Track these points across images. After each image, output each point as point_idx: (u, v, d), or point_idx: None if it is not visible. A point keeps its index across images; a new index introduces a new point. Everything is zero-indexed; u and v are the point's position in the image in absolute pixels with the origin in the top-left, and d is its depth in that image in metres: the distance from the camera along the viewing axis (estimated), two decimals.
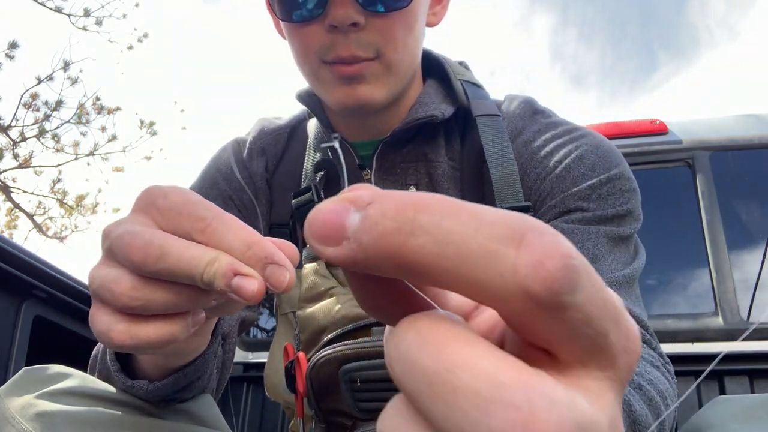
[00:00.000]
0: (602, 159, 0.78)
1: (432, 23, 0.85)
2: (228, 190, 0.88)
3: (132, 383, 0.56)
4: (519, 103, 0.87)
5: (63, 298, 1.45)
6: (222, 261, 0.36)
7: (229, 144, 0.94)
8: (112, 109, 8.26)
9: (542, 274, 0.17)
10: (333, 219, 0.20)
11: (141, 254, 0.36)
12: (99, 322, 0.38)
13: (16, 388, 0.55)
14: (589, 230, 0.73)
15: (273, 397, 0.86)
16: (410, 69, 0.80)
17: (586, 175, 0.76)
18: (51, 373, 0.58)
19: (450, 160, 0.83)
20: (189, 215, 0.38)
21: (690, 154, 2.11)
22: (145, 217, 0.39)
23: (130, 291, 0.37)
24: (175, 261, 0.36)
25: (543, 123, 0.83)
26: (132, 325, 0.38)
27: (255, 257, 0.36)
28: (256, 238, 0.37)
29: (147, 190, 0.40)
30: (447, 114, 0.82)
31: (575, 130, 0.82)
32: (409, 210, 0.19)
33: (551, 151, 0.79)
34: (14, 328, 1.32)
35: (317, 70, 0.76)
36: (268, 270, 0.36)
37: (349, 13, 0.71)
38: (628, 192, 0.77)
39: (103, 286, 0.37)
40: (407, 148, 0.83)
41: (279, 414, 2.00)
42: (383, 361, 0.67)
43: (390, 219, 0.19)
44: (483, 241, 0.18)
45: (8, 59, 7.37)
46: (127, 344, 0.38)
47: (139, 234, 0.36)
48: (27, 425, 0.51)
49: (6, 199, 7.64)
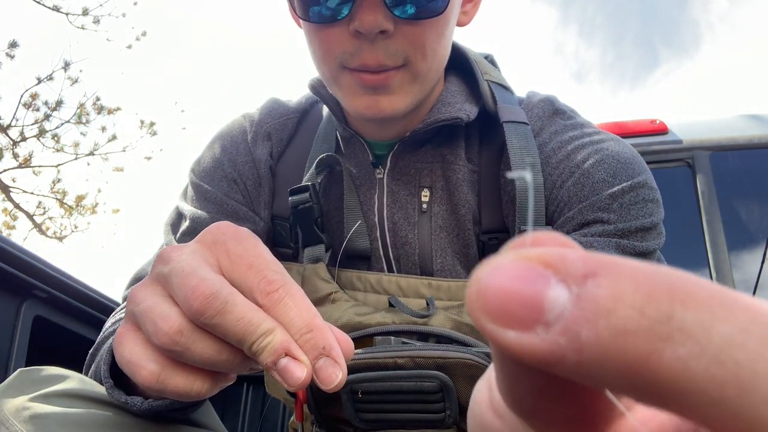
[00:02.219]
0: (624, 165, 0.72)
1: (463, 23, 0.79)
2: (233, 172, 0.84)
3: (126, 399, 0.55)
4: (539, 102, 0.82)
5: (63, 298, 1.44)
6: (278, 336, 0.34)
7: (237, 120, 0.89)
8: (112, 109, 8.26)
9: None
10: (524, 290, 0.13)
11: (203, 304, 0.34)
12: (131, 352, 0.36)
13: (10, 390, 0.55)
14: (609, 244, 0.68)
15: (273, 393, 0.85)
16: (437, 75, 0.75)
17: (607, 181, 0.70)
18: (46, 375, 0.58)
19: (469, 162, 0.79)
20: (258, 272, 0.36)
21: (690, 154, 2.11)
22: (211, 254, 0.37)
23: (175, 333, 0.35)
24: (234, 321, 0.34)
25: (561, 124, 0.78)
26: (164, 370, 0.36)
27: (312, 343, 0.34)
28: (318, 323, 0.35)
29: (219, 226, 0.38)
30: (472, 116, 0.77)
31: (596, 133, 0.76)
32: (664, 299, 0.12)
33: (568, 155, 0.74)
34: (14, 328, 1.32)
35: (337, 75, 0.71)
36: (321, 362, 0.34)
37: (378, 20, 0.65)
38: (652, 203, 0.71)
39: (147, 315, 0.35)
40: (425, 148, 0.79)
41: (279, 414, 1.99)
42: (386, 373, 0.67)
43: (634, 310, 0.12)
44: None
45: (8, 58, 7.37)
46: (153, 387, 0.36)
47: (208, 282, 0.34)
48: (21, 427, 0.50)
49: (6, 198, 7.64)
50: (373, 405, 0.67)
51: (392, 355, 0.65)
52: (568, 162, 0.74)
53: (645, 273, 0.13)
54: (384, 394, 0.66)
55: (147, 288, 0.37)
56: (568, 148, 0.75)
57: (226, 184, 0.83)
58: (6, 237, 1.35)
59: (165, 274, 0.36)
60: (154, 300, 0.36)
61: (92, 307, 1.55)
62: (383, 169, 0.80)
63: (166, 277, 0.36)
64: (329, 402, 0.71)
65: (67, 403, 0.54)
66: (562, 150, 0.75)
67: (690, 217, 2.04)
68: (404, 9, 0.66)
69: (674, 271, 0.13)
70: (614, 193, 0.69)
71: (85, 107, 8.00)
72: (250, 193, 0.85)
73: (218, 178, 0.84)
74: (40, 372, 0.58)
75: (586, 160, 0.73)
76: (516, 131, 0.75)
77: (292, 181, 0.83)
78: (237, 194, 0.84)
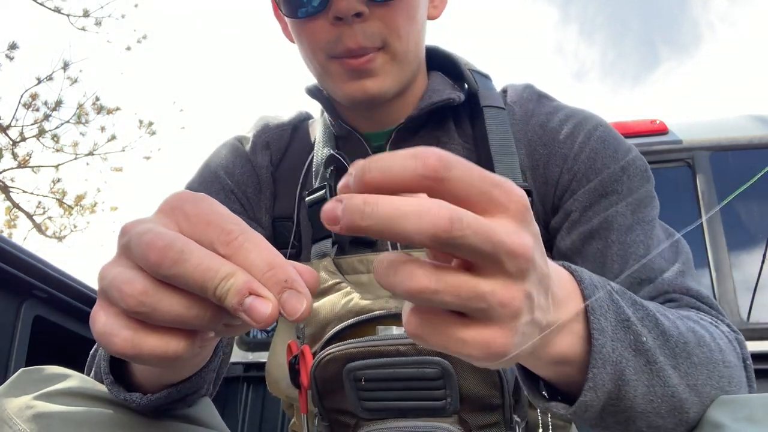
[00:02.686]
0: (619, 142, 0.82)
1: (433, 16, 0.87)
2: (230, 183, 0.88)
3: (125, 396, 0.55)
4: (524, 88, 0.90)
5: (63, 298, 1.45)
6: (239, 277, 0.34)
7: (229, 140, 0.94)
8: (111, 109, 8.26)
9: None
10: (327, 210, 0.34)
11: (159, 255, 0.34)
12: (101, 323, 0.37)
13: (13, 389, 0.55)
14: (626, 213, 0.76)
15: (274, 392, 0.85)
16: (415, 59, 0.82)
17: (613, 157, 0.79)
18: (48, 374, 0.58)
19: (465, 143, 0.85)
20: (216, 226, 0.36)
21: (690, 154, 2.11)
22: (169, 220, 0.37)
23: (140, 294, 0.35)
24: (192, 268, 0.34)
25: (551, 105, 0.86)
26: (136, 333, 0.36)
27: (274, 279, 0.35)
28: (278, 261, 0.36)
29: (176, 194, 0.39)
30: (461, 99, 0.85)
31: (581, 112, 0.85)
32: (363, 200, 0.33)
33: (571, 133, 0.81)
34: (14, 328, 1.32)
35: (326, 65, 0.78)
36: (285, 295, 0.35)
37: (352, 3, 0.72)
38: (646, 171, 0.81)
39: (112, 284, 0.36)
40: (420, 133, 0.86)
41: (279, 414, 2.00)
42: (388, 360, 0.68)
43: (359, 205, 0.33)
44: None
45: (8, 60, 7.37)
46: (128, 353, 0.37)
47: (162, 235, 0.35)
48: (24, 426, 0.50)
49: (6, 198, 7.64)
50: (375, 393, 0.69)
51: (394, 343, 0.68)
52: (575, 137, 0.81)
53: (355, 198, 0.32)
54: (386, 381, 0.68)
55: (111, 263, 0.38)
56: (570, 124, 0.82)
57: (223, 196, 0.87)
58: (6, 237, 1.35)
59: (124, 245, 0.37)
60: (118, 270, 0.37)
61: (92, 307, 1.54)
62: None
63: (126, 246, 0.37)
64: (332, 392, 0.72)
65: (69, 401, 0.54)
66: (565, 126, 0.82)
67: (690, 217, 2.04)
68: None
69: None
70: (623, 166, 0.78)
71: (84, 107, 8.00)
72: (250, 200, 0.89)
73: (215, 190, 0.87)
74: (42, 371, 0.58)
75: (589, 137, 0.81)
76: (494, 114, 0.84)
77: (292, 184, 0.88)
78: (234, 204, 0.88)
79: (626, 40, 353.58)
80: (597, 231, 0.76)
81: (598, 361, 0.45)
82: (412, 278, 0.33)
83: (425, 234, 0.32)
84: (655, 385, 0.49)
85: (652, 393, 0.49)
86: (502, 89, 0.92)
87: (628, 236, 0.74)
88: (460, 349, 0.36)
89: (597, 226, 0.76)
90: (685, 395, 0.51)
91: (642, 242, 0.74)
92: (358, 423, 0.72)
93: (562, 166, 0.80)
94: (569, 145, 0.81)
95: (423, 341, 0.36)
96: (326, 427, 0.75)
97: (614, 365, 0.46)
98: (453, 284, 0.33)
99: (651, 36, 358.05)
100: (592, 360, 0.45)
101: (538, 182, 0.81)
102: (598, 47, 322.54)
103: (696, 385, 0.52)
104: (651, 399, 0.49)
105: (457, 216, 0.32)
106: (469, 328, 0.35)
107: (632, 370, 0.47)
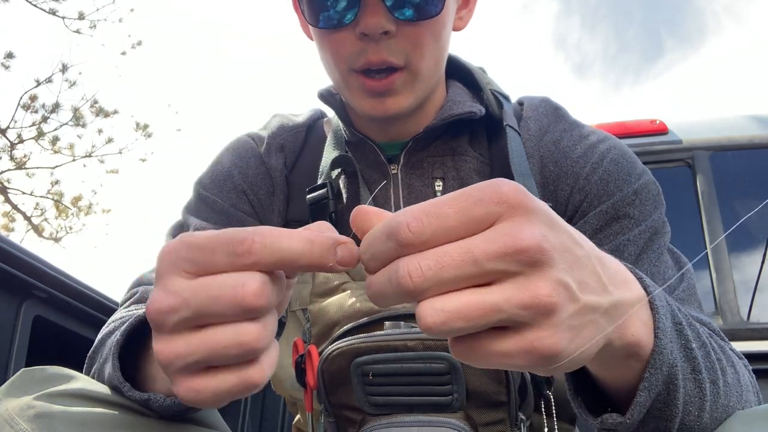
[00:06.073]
0: (633, 164, 0.80)
1: (458, 27, 0.86)
2: (243, 184, 0.88)
3: (149, 396, 0.55)
4: (540, 102, 0.89)
5: (63, 298, 1.44)
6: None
7: (243, 138, 0.93)
8: (109, 112, 8.25)
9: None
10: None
11: (252, 300, 0.37)
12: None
13: (14, 389, 0.55)
14: (639, 241, 0.75)
15: (278, 391, 0.86)
16: (435, 75, 0.82)
17: (626, 180, 0.78)
18: (50, 374, 0.58)
19: (480, 156, 0.85)
20: (226, 244, 0.36)
21: (690, 154, 2.11)
22: (176, 276, 0.37)
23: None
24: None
25: (567, 122, 0.86)
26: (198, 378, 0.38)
27: (323, 246, 0.37)
28: (311, 235, 0.38)
29: (164, 252, 0.38)
30: (482, 112, 0.84)
31: (596, 133, 0.84)
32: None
33: (584, 153, 0.81)
34: (14, 328, 1.32)
35: (347, 78, 0.78)
36: (339, 251, 0.38)
37: (381, 21, 0.72)
38: (659, 195, 0.80)
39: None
40: (435, 144, 0.85)
41: (279, 414, 1.99)
42: (396, 354, 0.68)
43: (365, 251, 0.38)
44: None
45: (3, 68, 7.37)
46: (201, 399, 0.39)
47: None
48: (26, 426, 0.50)
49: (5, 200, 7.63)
50: (382, 388, 0.69)
51: (402, 338, 0.68)
52: (588, 157, 0.80)
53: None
54: (394, 376, 0.68)
55: (163, 289, 0.38)
56: (584, 144, 0.82)
57: (234, 196, 0.87)
58: (6, 237, 1.35)
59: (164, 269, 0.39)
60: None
61: (92, 307, 1.55)
62: (397, 165, 0.85)
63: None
64: (339, 387, 0.72)
65: (71, 402, 0.54)
66: (579, 146, 0.82)
67: (690, 217, 2.04)
68: (403, 11, 0.73)
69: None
70: (636, 190, 0.77)
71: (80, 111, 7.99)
72: (261, 203, 0.88)
73: (227, 189, 0.87)
74: (44, 372, 0.58)
75: (604, 158, 0.80)
76: (514, 137, 0.83)
77: (305, 188, 0.87)
78: (245, 205, 0.87)
79: (629, 32, 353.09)
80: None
81: (657, 361, 0.44)
82: (420, 320, 0.34)
83: (400, 298, 0.35)
84: (695, 396, 0.48)
85: (690, 403, 0.48)
86: (517, 101, 0.92)
87: (636, 265, 0.74)
88: (506, 362, 0.35)
89: (607, 251, 0.75)
90: (715, 414, 0.51)
91: (647, 270, 0.74)
92: (364, 418, 0.72)
93: (573, 186, 0.79)
94: (581, 164, 0.80)
95: (474, 365, 0.37)
96: (332, 423, 0.75)
97: (669, 368, 0.45)
98: (455, 310, 0.33)
99: (655, 28, 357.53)
100: (652, 359, 0.43)
101: (547, 199, 0.81)
102: (600, 40, 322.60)
103: (728, 405, 0.52)
104: (690, 410, 0.48)
105: (424, 275, 0.34)
106: (507, 339, 0.34)
107: (681, 376, 0.46)
